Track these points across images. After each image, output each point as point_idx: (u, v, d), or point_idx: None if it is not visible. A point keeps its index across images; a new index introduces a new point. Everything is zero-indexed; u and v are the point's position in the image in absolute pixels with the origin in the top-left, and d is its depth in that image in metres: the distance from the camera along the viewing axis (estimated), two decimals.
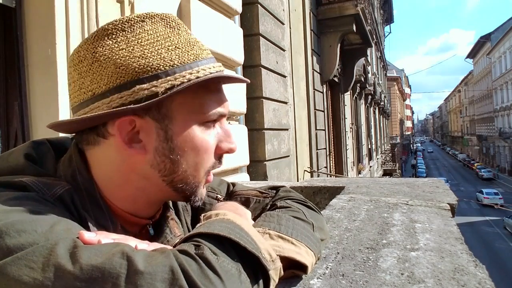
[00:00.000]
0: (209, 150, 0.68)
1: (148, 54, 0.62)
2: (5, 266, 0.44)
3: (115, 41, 0.63)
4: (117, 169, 0.66)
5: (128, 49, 0.62)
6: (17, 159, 0.66)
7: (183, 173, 0.66)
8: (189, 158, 0.66)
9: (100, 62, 0.62)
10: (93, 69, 0.62)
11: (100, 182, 0.67)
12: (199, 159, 0.67)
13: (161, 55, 0.62)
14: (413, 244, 0.88)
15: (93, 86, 0.62)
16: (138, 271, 0.44)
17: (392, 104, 44.76)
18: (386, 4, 29.76)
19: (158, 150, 0.64)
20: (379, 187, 1.76)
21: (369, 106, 17.85)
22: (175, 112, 0.64)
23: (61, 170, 0.67)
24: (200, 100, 0.66)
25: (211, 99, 0.67)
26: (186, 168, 0.66)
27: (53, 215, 0.53)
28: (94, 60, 0.62)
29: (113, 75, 0.61)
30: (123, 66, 0.61)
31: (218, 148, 0.70)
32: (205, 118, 0.66)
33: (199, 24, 2.46)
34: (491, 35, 45.89)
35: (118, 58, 0.61)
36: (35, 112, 1.66)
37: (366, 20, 9.36)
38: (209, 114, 0.67)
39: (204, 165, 0.68)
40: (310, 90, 7.02)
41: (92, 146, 0.67)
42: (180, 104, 0.64)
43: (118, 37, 0.63)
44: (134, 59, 0.61)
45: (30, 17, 1.66)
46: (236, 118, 3.33)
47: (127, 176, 0.66)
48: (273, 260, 0.59)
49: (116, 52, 0.62)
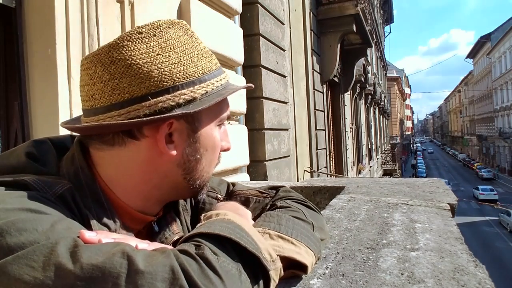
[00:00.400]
0: (218, 149, 0.76)
1: (184, 61, 0.67)
2: (5, 265, 0.45)
3: (149, 45, 0.64)
4: (139, 169, 0.67)
5: (165, 54, 0.65)
6: (18, 157, 0.66)
7: (202, 170, 0.72)
8: (208, 156, 0.73)
9: (140, 66, 0.63)
10: (131, 72, 0.63)
11: (107, 181, 0.67)
12: (214, 156, 0.75)
13: (195, 63, 0.68)
14: (413, 244, 0.88)
15: (132, 89, 0.63)
16: (139, 271, 0.44)
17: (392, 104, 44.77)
18: (386, 4, 29.76)
19: (187, 151, 0.69)
20: (379, 187, 1.76)
21: (369, 106, 17.85)
22: (204, 116, 0.70)
23: (64, 168, 0.67)
24: (219, 105, 0.72)
25: (225, 103, 0.75)
26: (204, 166, 0.73)
27: (54, 214, 0.53)
28: (132, 62, 0.63)
29: (155, 79, 0.63)
30: (165, 71, 0.64)
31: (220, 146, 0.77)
32: (221, 120, 0.75)
33: (199, 24, 2.46)
34: (491, 35, 45.88)
35: (159, 63, 0.64)
36: (35, 112, 1.66)
37: (366, 20, 9.36)
38: (223, 117, 0.75)
39: (215, 162, 0.76)
40: (310, 90, 7.02)
41: (110, 147, 0.66)
42: (207, 108, 0.68)
43: (151, 41, 0.65)
44: (173, 66, 0.65)
45: (30, 17, 1.66)
46: (236, 118, 3.33)
47: (149, 175, 0.68)
48: (273, 260, 0.59)
49: (155, 57, 0.64)
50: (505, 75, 41.93)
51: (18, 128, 1.66)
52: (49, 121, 1.62)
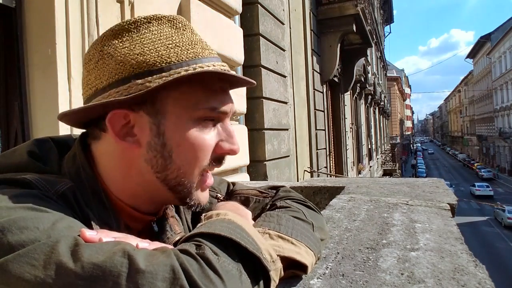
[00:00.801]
0: (204, 148, 0.67)
1: (147, 52, 0.64)
2: (6, 263, 0.45)
3: (121, 41, 0.66)
4: (118, 164, 0.68)
5: (130, 47, 0.65)
6: (20, 156, 0.67)
7: (177, 171, 0.66)
8: (182, 155, 0.66)
9: (104, 60, 0.65)
10: (98, 66, 0.66)
11: (104, 178, 0.68)
12: (192, 156, 0.66)
13: (159, 52, 0.64)
14: (413, 244, 0.88)
15: (96, 82, 0.66)
16: (139, 270, 0.44)
17: (392, 104, 44.76)
18: (386, 4, 29.76)
19: (151, 145, 0.65)
20: (379, 187, 1.76)
21: (369, 106, 17.85)
22: (170, 107, 0.65)
23: (66, 167, 0.67)
24: (197, 96, 0.66)
25: (210, 96, 0.67)
26: (179, 166, 0.66)
27: (55, 213, 0.54)
28: (100, 58, 0.66)
29: (113, 71, 0.64)
30: (122, 62, 0.64)
31: (218, 147, 0.69)
32: (199, 115, 0.66)
33: (199, 24, 2.46)
34: (491, 35, 45.88)
35: (119, 55, 0.64)
36: (35, 112, 1.66)
37: (366, 20, 9.36)
38: (204, 111, 0.66)
39: (198, 163, 0.67)
40: (310, 90, 7.02)
41: (96, 141, 0.69)
42: (175, 99, 0.65)
43: (124, 36, 0.66)
44: (133, 56, 0.64)
45: (30, 17, 1.66)
46: (236, 118, 3.34)
47: (127, 170, 0.68)
48: (273, 261, 0.59)
49: (119, 50, 0.65)
50: (505, 75, 41.93)
51: (18, 128, 1.66)
52: (49, 121, 1.62)
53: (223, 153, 0.70)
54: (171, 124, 0.65)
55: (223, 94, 0.69)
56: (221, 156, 0.70)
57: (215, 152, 0.69)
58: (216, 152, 0.69)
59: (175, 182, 0.67)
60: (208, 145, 0.67)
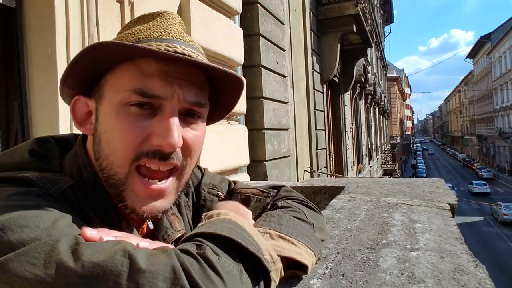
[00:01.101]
0: (126, 137, 0.61)
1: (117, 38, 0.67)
2: (7, 262, 0.45)
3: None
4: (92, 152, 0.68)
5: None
6: (22, 155, 0.67)
7: (106, 160, 0.63)
8: (108, 142, 0.62)
9: None
10: None
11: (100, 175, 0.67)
12: (117, 145, 0.62)
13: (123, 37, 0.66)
14: (413, 244, 0.88)
15: None
16: (140, 270, 0.44)
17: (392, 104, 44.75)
18: (386, 4, 29.75)
19: (93, 132, 0.66)
20: (379, 187, 1.76)
21: (369, 106, 17.85)
22: (106, 92, 0.64)
23: (67, 166, 0.67)
24: (127, 79, 0.62)
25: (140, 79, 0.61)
26: (107, 154, 0.63)
27: (56, 211, 0.53)
28: None
29: None
30: None
31: (150, 139, 0.62)
32: (122, 98, 0.61)
33: (199, 24, 2.46)
34: (491, 35, 45.88)
35: None
36: (35, 112, 1.66)
37: (366, 20, 9.36)
38: (128, 94, 0.61)
39: (122, 154, 0.61)
40: (310, 90, 7.02)
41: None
42: (110, 85, 0.64)
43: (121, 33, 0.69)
44: None
45: (30, 17, 1.66)
46: (236, 118, 3.33)
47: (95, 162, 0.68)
48: (274, 261, 0.59)
49: None
50: (505, 75, 41.92)
51: (18, 128, 1.66)
52: (49, 121, 1.62)
53: (154, 147, 0.62)
54: (103, 109, 0.64)
55: (162, 77, 0.62)
56: (156, 150, 0.62)
57: (148, 145, 0.62)
58: (149, 145, 0.62)
59: (107, 173, 0.63)
60: (133, 134, 0.61)
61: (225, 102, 0.77)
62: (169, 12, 0.70)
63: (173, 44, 0.64)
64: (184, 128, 0.65)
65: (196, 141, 0.67)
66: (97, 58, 0.61)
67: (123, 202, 0.63)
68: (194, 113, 0.66)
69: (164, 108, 0.62)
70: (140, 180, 0.63)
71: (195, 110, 0.66)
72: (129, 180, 0.63)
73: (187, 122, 0.66)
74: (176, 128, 0.62)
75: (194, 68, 0.65)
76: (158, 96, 0.61)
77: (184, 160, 0.66)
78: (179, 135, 0.62)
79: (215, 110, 0.77)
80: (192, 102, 0.65)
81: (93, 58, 0.61)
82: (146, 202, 0.64)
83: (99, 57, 0.61)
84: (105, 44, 0.60)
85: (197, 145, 0.68)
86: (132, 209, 0.63)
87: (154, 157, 0.62)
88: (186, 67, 0.64)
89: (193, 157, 0.68)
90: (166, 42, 0.63)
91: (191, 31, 2.33)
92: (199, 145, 0.69)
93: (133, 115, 0.61)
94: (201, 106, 0.67)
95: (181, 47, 0.64)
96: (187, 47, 0.65)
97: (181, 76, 0.63)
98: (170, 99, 0.62)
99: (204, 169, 0.93)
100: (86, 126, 0.68)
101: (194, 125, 0.67)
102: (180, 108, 0.64)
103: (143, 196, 0.63)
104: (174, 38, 0.65)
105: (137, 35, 0.65)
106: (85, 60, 0.61)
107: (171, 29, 0.66)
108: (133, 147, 0.61)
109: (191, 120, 0.66)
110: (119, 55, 0.61)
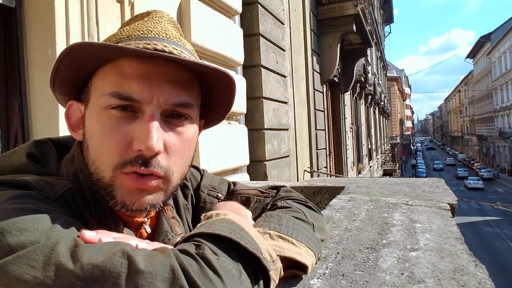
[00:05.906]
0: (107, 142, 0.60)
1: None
2: (6, 264, 0.45)
3: None
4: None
5: None
6: (19, 158, 0.67)
7: (94, 165, 0.62)
8: (93, 147, 0.62)
9: None
10: None
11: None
12: (101, 150, 0.61)
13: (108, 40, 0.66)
14: (413, 244, 0.88)
15: None
16: (139, 271, 0.44)
17: (392, 104, 44.76)
18: (386, 4, 29.76)
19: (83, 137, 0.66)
20: (379, 187, 1.76)
21: (369, 106, 17.85)
22: (91, 96, 0.64)
23: (64, 169, 0.67)
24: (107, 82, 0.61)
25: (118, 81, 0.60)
26: (94, 159, 0.62)
27: (55, 214, 0.53)
28: None
29: None
30: None
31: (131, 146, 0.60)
32: (101, 103, 0.60)
33: (199, 24, 2.46)
34: (491, 35, 45.89)
35: None
36: (35, 112, 1.66)
37: (366, 20, 9.35)
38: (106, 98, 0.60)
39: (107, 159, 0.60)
40: (310, 90, 7.02)
41: None
42: (94, 88, 0.64)
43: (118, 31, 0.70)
44: None
45: (30, 17, 1.66)
46: (236, 118, 3.33)
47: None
48: (273, 261, 0.59)
49: None
50: (505, 75, 41.92)
51: (18, 128, 1.66)
52: (49, 121, 1.62)
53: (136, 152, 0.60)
54: (88, 114, 0.64)
55: (141, 79, 0.60)
56: (138, 156, 0.60)
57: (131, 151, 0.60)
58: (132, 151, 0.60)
59: (95, 177, 0.63)
60: (116, 141, 0.59)
61: (220, 102, 0.75)
62: (157, 11, 0.69)
63: (153, 41, 0.62)
64: (167, 132, 0.62)
65: (180, 144, 0.64)
66: (78, 59, 0.61)
67: (113, 200, 0.62)
68: (180, 114, 0.64)
69: (144, 111, 0.60)
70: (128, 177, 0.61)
71: (180, 112, 0.64)
72: (117, 181, 0.61)
73: (172, 124, 0.63)
74: (156, 131, 0.59)
75: (179, 67, 0.63)
76: (135, 99, 0.60)
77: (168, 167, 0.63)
78: (158, 139, 0.59)
79: (213, 112, 0.76)
80: (175, 104, 0.62)
81: (74, 59, 0.61)
82: (135, 194, 0.62)
83: (79, 58, 0.61)
84: (76, 45, 0.59)
85: (182, 148, 0.65)
86: (122, 203, 0.62)
87: (136, 163, 0.60)
88: (169, 66, 0.62)
89: (178, 161, 0.64)
90: (146, 40, 0.62)
91: (191, 31, 2.33)
92: (186, 148, 0.66)
93: (114, 118, 0.60)
94: (186, 107, 0.64)
95: (161, 45, 0.62)
96: (170, 44, 0.63)
97: (162, 77, 0.61)
98: (148, 102, 0.60)
99: (203, 170, 0.93)
100: (78, 132, 0.67)
101: (180, 127, 0.64)
102: (163, 110, 0.62)
103: (132, 189, 0.62)
104: (156, 36, 0.63)
105: (120, 35, 0.65)
106: (67, 61, 0.61)
107: (155, 27, 0.65)
108: (116, 153, 0.60)
109: (176, 122, 0.64)
110: (96, 55, 0.60)
